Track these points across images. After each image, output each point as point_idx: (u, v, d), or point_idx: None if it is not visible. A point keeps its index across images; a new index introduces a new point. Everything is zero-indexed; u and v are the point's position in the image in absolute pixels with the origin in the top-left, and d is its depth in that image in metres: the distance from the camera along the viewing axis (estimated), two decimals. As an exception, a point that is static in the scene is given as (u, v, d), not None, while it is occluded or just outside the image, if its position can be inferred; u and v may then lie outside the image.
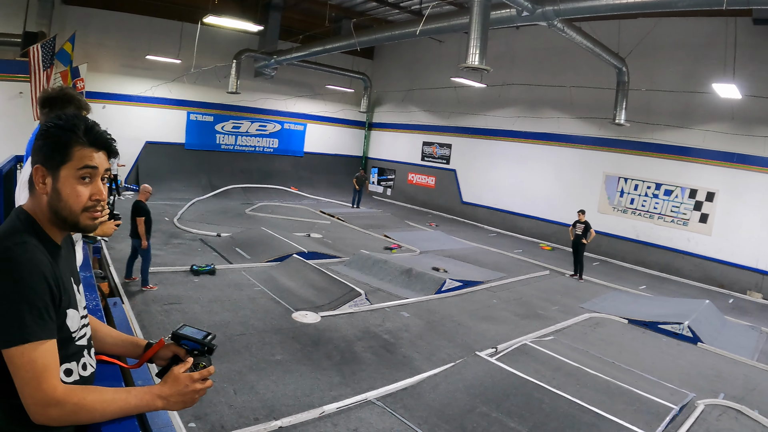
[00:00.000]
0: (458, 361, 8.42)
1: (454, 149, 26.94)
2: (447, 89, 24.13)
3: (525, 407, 6.95)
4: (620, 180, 20.01)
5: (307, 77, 27.82)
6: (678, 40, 18.04)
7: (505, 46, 22.40)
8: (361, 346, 8.99)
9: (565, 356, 9.05)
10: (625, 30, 17.72)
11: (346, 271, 13.61)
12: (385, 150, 31.46)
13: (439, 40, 25.51)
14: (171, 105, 24.81)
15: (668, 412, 7.36)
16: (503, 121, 23.97)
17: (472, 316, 11.40)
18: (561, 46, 19.20)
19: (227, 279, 11.92)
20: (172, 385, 1.89)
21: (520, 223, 23.28)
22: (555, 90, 20.86)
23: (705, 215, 17.78)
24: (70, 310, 1.79)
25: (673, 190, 18.54)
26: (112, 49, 22.61)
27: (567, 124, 21.54)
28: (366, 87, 28.27)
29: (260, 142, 28.34)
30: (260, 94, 26.81)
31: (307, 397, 6.96)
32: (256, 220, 19.50)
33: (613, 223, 19.87)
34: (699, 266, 17.84)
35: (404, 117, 29.31)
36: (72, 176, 1.78)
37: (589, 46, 15.34)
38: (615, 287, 15.67)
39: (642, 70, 17.72)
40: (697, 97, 17.00)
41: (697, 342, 11.08)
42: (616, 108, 17.27)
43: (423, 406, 6.98)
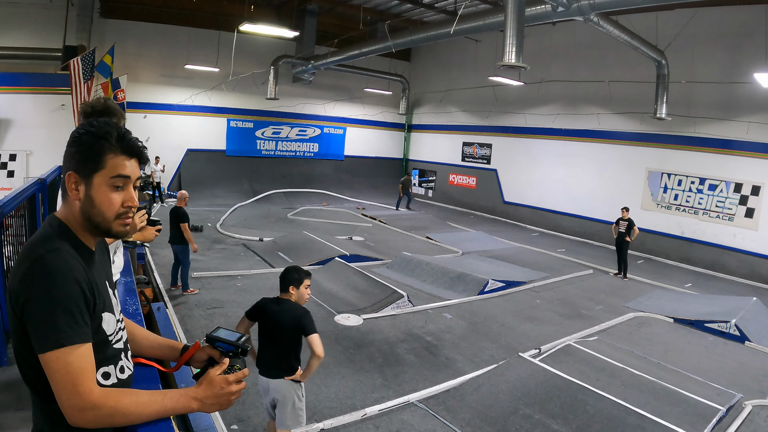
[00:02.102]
0: (501, 362, 8.41)
1: (495, 149, 26.81)
2: (485, 88, 24.07)
3: (569, 409, 6.91)
4: (663, 175, 19.70)
5: (344, 81, 27.99)
6: (717, 29, 17.66)
7: (542, 42, 22.19)
8: (404, 348, 9.04)
9: (609, 357, 8.98)
10: (663, 22, 17.42)
11: (388, 273, 13.68)
12: (426, 151, 31.44)
13: (475, 40, 25.42)
14: (211, 113, 25.26)
15: (715, 414, 7.26)
16: (543, 119, 23.79)
17: (515, 316, 11.38)
18: (598, 40, 19.01)
19: (270, 283, 12.00)
20: (207, 388, 1.94)
21: (563, 221, 23.08)
22: (594, 86, 20.66)
23: (751, 209, 17.38)
24: (105, 313, 1.85)
25: (718, 184, 18.19)
26: (150, 59, 23.15)
27: (607, 120, 21.28)
28: (404, 89, 28.31)
29: (300, 146, 28.62)
30: (299, 99, 27.07)
31: (349, 399, 7.05)
32: (298, 224, 19.71)
33: (657, 220, 19.59)
34: (746, 262, 17.44)
35: (443, 118, 29.27)
36: (105, 184, 1.83)
37: (627, 40, 15.15)
38: (660, 285, 15.42)
39: (681, 62, 17.43)
40: (739, 87, 16.66)
41: (744, 341, 10.87)
42: (657, 102, 16.99)
43: (465, 408, 7.00)
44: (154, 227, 3.87)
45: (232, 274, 12.58)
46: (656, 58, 16.49)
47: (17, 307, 1.69)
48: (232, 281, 12.09)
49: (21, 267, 1.71)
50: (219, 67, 22.36)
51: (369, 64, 25.40)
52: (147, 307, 4.56)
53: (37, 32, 19.75)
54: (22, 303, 1.66)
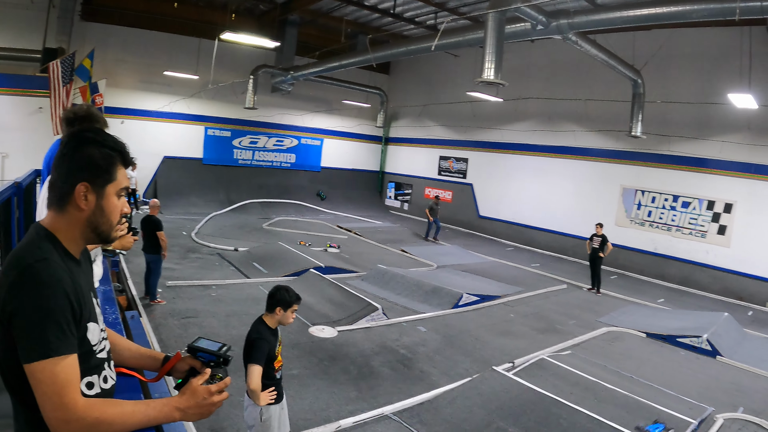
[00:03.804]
0: (475, 375, 8.40)
1: (471, 163, 26.99)
2: (463, 104, 24.14)
3: (542, 422, 6.90)
4: (637, 192, 19.94)
5: (323, 92, 27.97)
6: (693, 51, 18.03)
7: (521, 59, 22.39)
8: (378, 360, 8.99)
9: (583, 371, 8.98)
10: (640, 42, 17.68)
11: (363, 285, 13.62)
12: (402, 164, 31.53)
13: (454, 55, 25.57)
14: (189, 120, 25.07)
15: (687, 427, 7.29)
16: (520, 135, 23.97)
17: (490, 330, 11.37)
18: (576, 59, 19.22)
19: (245, 293, 11.97)
20: (190, 398, 1.94)
21: (538, 236, 23.22)
22: (571, 103, 20.84)
23: (723, 227, 17.66)
24: (90, 323, 1.83)
25: (691, 201, 18.45)
26: (130, 64, 22.93)
27: (583, 137, 21.51)
28: (382, 102, 28.32)
29: (277, 157, 28.52)
30: (277, 109, 26.97)
31: (324, 412, 6.98)
32: (273, 234, 19.59)
33: (631, 236, 19.78)
34: (718, 279, 17.69)
35: (421, 131, 29.45)
36: (113, 194, 1.89)
37: (603, 59, 15.33)
38: (633, 301, 15.58)
39: (657, 81, 17.73)
40: (713, 108, 16.94)
41: (716, 355, 10.99)
42: (632, 120, 17.17)
43: (440, 421, 6.96)
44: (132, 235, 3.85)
45: (206, 284, 12.44)
46: (632, 78, 16.68)
47: (4, 315, 1.66)
48: (206, 291, 11.96)
49: (8, 276, 1.69)
50: (199, 74, 22.29)
51: (348, 76, 25.40)
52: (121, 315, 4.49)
53: (17, 33, 19.41)
54: (10, 312, 1.64)
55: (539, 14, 12.51)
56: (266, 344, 4.78)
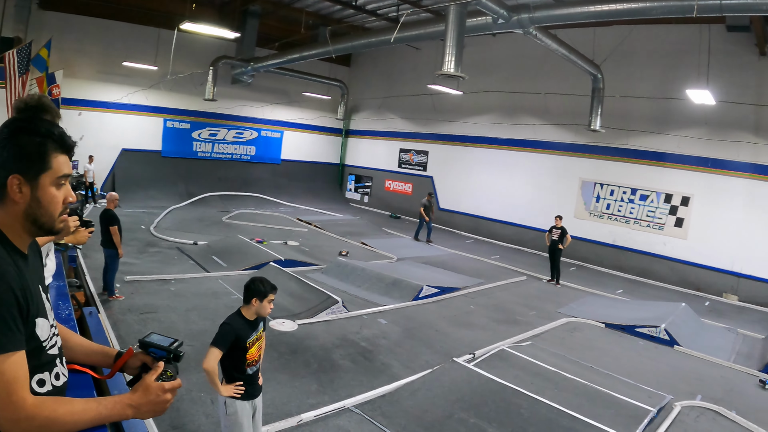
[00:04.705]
0: (436, 367, 8.37)
1: (431, 156, 27.05)
2: (424, 96, 24.19)
3: (504, 413, 6.91)
4: (596, 185, 20.16)
5: (284, 84, 27.73)
6: (653, 47, 18.31)
7: (482, 53, 22.44)
8: (339, 353, 8.90)
9: (543, 361, 9.02)
10: (600, 37, 17.87)
11: (323, 278, 13.51)
12: (362, 157, 31.46)
13: (416, 48, 25.57)
14: (148, 112, 24.62)
15: (646, 415, 7.36)
16: (480, 128, 24.08)
17: (450, 322, 11.36)
18: (537, 53, 19.34)
19: (204, 287, 11.78)
20: (144, 394, 1.88)
21: (498, 229, 23.36)
22: (531, 97, 21.01)
23: (680, 219, 17.97)
24: (39, 319, 1.74)
25: (649, 195, 18.71)
26: (88, 55, 22.38)
27: (543, 130, 21.71)
28: (343, 94, 28.19)
29: (237, 149, 28.18)
30: (237, 101, 26.68)
31: (285, 406, 6.87)
32: (233, 227, 19.34)
33: (590, 229, 20.02)
34: (675, 270, 18.01)
35: (381, 124, 29.42)
36: (51, 184, 1.76)
37: (564, 54, 15.41)
38: (592, 292, 15.75)
39: (617, 76, 17.89)
40: (672, 103, 17.24)
41: (674, 345, 11.15)
42: (592, 114, 17.35)
43: (401, 413, 6.91)
44: (86, 229, 3.69)
45: (165, 278, 12.17)
46: (592, 72, 16.82)
47: None
48: (165, 285, 11.72)
49: None
50: (158, 65, 21.92)
51: (309, 68, 25.20)
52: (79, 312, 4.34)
53: (-28, 22, 18.79)
54: None
55: (500, 8, 12.49)
56: (230, 329, 4.63)
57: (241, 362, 4.71)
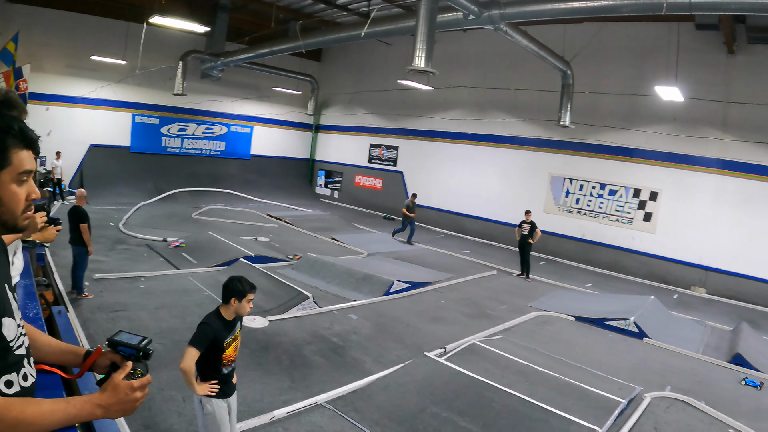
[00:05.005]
0: (408, 362, 8.35)
1: (401, 151, 27.05)
2: (394, 92, 24.19)
3: (475, 406, 6.92)
4: (565, 180, 20.32)
5: (254, 79, 27.51)
6: (622, 44, 18.52)
7: (453, 49, 22.51)
8: (311, 349, 8.84)
9: (514, 354, 9.05)
10: (571, 34, 18.02)
11: (294, 274, 13.43)
12: (333, 152, 31.33)
13: (386, 43, 25.49)
14: (116, 107, 24.19)
15: (617, 406, 7.42)
16: (450, 123, 24.16)
17: (421, 317, 11.36)
18: (507, 49, 19.32)
19: (174, 284, 11.62)
20: (112, 394, 1.83)
21: (468, 224, 23.44)
22: (501, 92, 21.14)
23: (649, 214, 18.20)
24: (5, 318, 1.69)
25: (618, 189, 18.90)
26: (56, 49, 21.91)
27: (513, 126, 21.81)
28: (313, 89, 28.03)
29: (207, 144, 27.88)
30: (207, 96, 26.39)
31: (258, 403, 6.81)
32: (202, 224, 19.15)
33: (559, 223, 20.18)
34: (644, 263, 18.24)
35: (351, 119, 29.31)
36: (11, 180, 1.71)
37: (534, 50, 15.44)
38: (562, 285, 15.87)
39: (587, 73, 18.03)
40: (641, 99, 17.51)
41: (643, 337, 11.28)
42: (561, 110, 17.44)
43: (374, 408, 6.88)
44: (54, 226, 3.60)
45: (134, 276, 11.99)
46: (562, 69, 16.90)
47: None
48: (135, 283, 11.53)
49: None
50: (126, 59, 21.56)
51: (279, 63, 25.07)
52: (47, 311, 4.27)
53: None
54: None
55: (471, 4, 12.47)
56: (210, 330, 4.61)
57: (218, 362, 4.68)
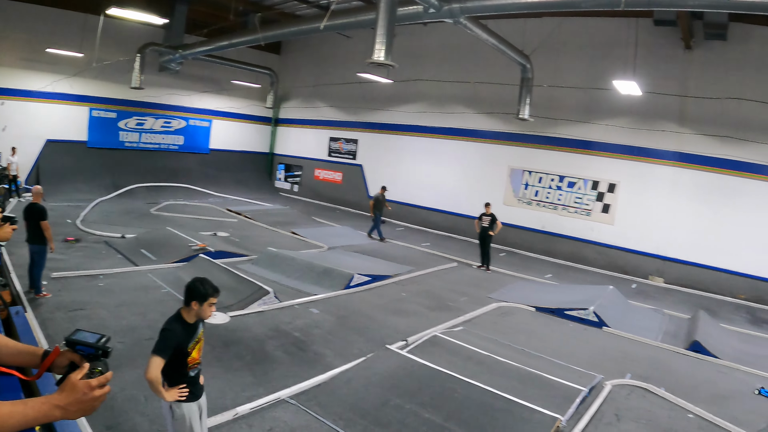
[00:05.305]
0: (370, 355, 8.33)
1: (361, 144, 27.03)
2: (354, 85, 24.11)
3: (438, 397, 6.92)
4: (525, 173, 20.49)
5: (213, 72, 27.13)
6: (582, 39, 18.79)
7: (413, 42, 22.50)
8: (272, 344, 8.76)
9: (475, 345, 9.07)
10: (531, 28, 18.19)
11: (254, 269, 13.31)
12: (292, 146, 31.14)
13: (347, 36, 25.38)
14: (73, 101, 23.63)
15: (578, 394, 7.49)
16: (410, 117, 24.19)
17: (382, 310, 11.35)
18: (468, 43, 19.39)
19: (134, 282, 11.40)
20: (70, 394, 1.78)
21: (428, 216, 23.51)
22: (461, 86, 21.22)
23: (607, 205, 18.48)
24: None
25: (576, 182, 19.12)
26: (11, 41, 21.30)
27: (473, 119, 21.95)
28: (273, 82, 27.75)
29: (165, 139, 27.43)
30: (165, 89, 25.92)
31: (220, 400, 6.70)
32: (161, 219, 18.85)
33: (519, 215, 20.36)
34: (603, 254, 18.52)
35: (311, 113, 29.21)
36: None
37: (494, 44, 15.45)
38: (522, 277, 16.05)
39: (546, 67, 18.16)
40: (599, 93, 17.76)
41: (602, 326, 11.44)
42: (521, 103, 17.48)
43: (337, 402, 6.85)
44: (9, 225, 3.47)
45: (93, 274, 11.73)
46: (522, 62, 16.96)
47: None
48: (94, 281, 11.28)
49: None
50: (83, 52, 21.01)
51: (238, 55, 24.73)
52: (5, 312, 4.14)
53: None
54: None
55: (432, -3, 12.44)
56: (172, 336, 4.47)
57: (183, 366, 4.59)
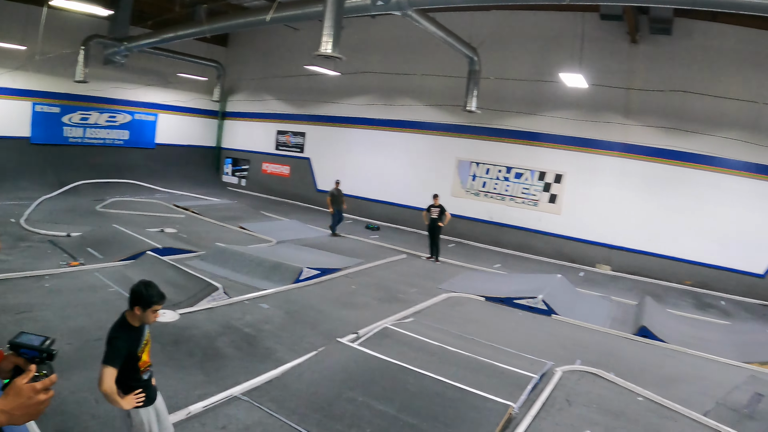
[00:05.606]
0: (321, 349, 8.28)
1: (308, 137, 26.88)
2: (302, 77, 23.99)
3: (391, 389, 6.91)
4: (472, 164, 20.68)
5: (159, 65, 26.46)
6: (529, 32, 19.08)
7: (361, 35, 22.33)
8: (223, 341, 8.63)
9: (426, 336, 9.10)
10: (478, 21, 18.51)
11: (203, 265, 13.09)
12: (239, 140, 30.73)
13: (294, 28, 25.14)
14: (15, 95, 22.71)
15: (529, 381, 7.58)
16: (358, 109, 24.20)
17: (333, 303, 11.31)
18: (416, 36, 19.36)
19: (80, 282, 11.04)
20: (14, 398, 1.73)
21: (376, 209, 23.56)
22: (409, 78, 21.32)
23: (554, 196, 18.82)
24: None
25: (524, 173, 19.38)
26: (-51, 34, 20.46)
27: (421, 111, 22.08)
28: (219, 75, 27.33)
29: (110, 134, 26.64)
30: (110, 83, 25.16)
31: (172, 399, 6.53)
32: (108, 217, 18.38)
33: (467, 206, 20.57)
34: (550, 243, 18.87)
35: (258, 106, 28.88)
36: None
37: (442, 36, 15.49)
38: (471, 267, 16.20)
39: (494, 59, 18.28)
40: (546, 86, 18.11)
41: (551, 314, 11.63)
42: (468, 95, 17.61)
43: (290, 397, 6.79)
44: None
45: (39, 274, 11.35)
46: (469, 55, 17.06)
47: None
48: (39, 282, 10.89)
49: None
50: (26, 45, 20.30)
51: (184, 48, 24.22)
52: None
53: None
54: None
55: (380, -10, 12.42)
56: (121, 343, 4.34)
57: (136, 371, 4.48)
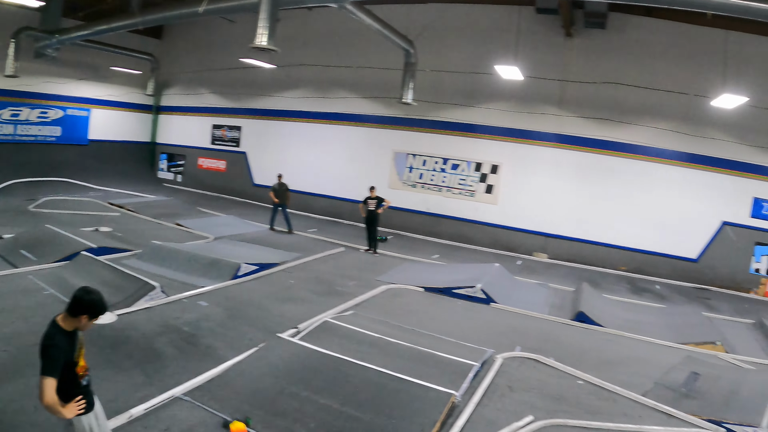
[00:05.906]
0: (261, 345, 8.21)
1: (244, 131, 26.61)
2: (237, 71, 23.70)
3: (333, 383, 6.92)
4: (409, 156, 20.83)
5: (91, 58, 25.51)
6: (465, 25, 19.33)
7: (298, 27, 22.19)
8: (162, 341, 8.45)
9: (366, 329, 9.14)
10: (415, 14, 18.69)
11: (139, 264, 12.77)
12: (174, 135, 30.03)
13: (230, 20, 24.71)
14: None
15: (470, 369, 7.69)
16: (294, 102, 24.10)
17: (272, 298, 11.22)
18: (353, 28, 19.24)
19: (13, 285, 10.54)
20: None
21: (314, 202, 23.49)
22: (345, 71, 21.39)
23: (490, 186, 19.14)
24: None
25: (460, 164, 19.63)
26: None
27: (357, 104, 22.11)
28: (153, 68, 26.66)
29: (41, 130, 25.60)
30: (41, 77, 24.21)
31: (113, 403, 6.35)
32: (41, 217, 17.75)
33: (404, 198, 20.67)
34: (488, 233, 19.18)
35: (193, 100, 28.35)
36: None
37: (378, 29, 15.47)
38: (410, 258, 16.33)
39: (430, 52, 18.49)
40: (482, 78, 18.44)
41: (490, 302, 11.81)
42: (404, 88, 17.65)
43: (233, 395, 6.72)
44: None
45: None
46: (405, 47, 17.09)
47: None
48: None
49: None
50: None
51: (117, 40, 23.33)
52: None
53: None
54: None
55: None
56: (59, 352, 4.12)
57: (75, 377, 4.31)
